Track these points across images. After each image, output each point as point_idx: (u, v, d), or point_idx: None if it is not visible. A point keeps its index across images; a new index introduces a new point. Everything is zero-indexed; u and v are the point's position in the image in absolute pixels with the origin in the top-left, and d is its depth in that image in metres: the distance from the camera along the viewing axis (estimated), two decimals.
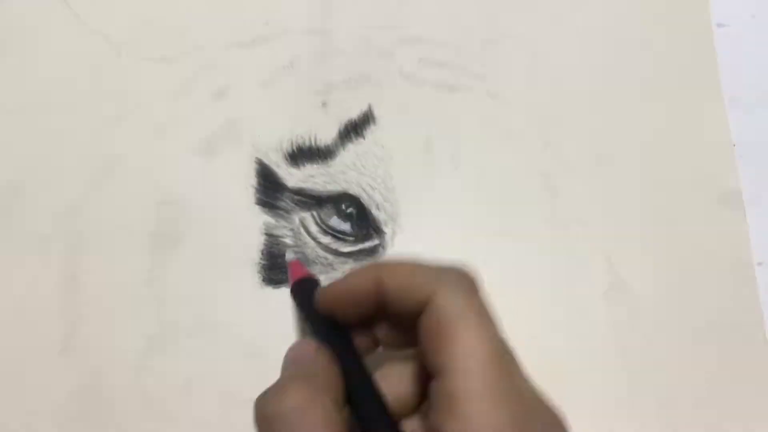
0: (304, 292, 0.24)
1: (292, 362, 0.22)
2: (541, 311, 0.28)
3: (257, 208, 0.29)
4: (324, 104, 0.30)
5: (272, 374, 0.27)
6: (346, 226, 0.29)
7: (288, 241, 0.28)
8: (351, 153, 0.30)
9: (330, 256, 0.28)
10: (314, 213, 0.29)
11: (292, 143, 0.30)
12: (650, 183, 0.30)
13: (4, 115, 0.29)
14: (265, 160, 0.29)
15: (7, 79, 0.30)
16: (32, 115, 0.29)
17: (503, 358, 0.19)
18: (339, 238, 0.29)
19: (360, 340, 0.22)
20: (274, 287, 0.28)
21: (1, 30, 0.31)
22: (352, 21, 0.31)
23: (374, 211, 0.29)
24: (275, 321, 0.28)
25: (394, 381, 0.21)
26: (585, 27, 0.32)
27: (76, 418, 0.26)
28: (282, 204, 0.29)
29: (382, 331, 0.22)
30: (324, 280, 0.28)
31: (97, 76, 0.30)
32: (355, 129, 0.30)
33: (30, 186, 0.29)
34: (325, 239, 0.29)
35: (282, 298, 0.28)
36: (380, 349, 0.22)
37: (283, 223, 0.29)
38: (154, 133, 0.30)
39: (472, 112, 0.30)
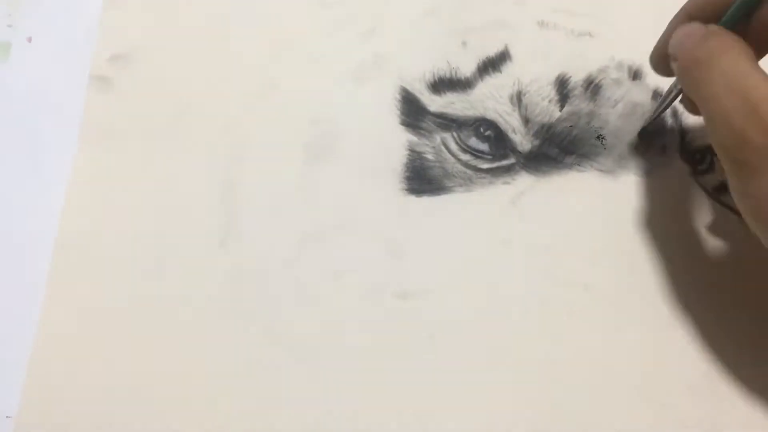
0: None
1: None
2: None
3: (401, 128, 0.31)
4: (464, 44, 0.33)
5: (411, 270, 0.29)
6: (484, 146, 0.31)
7: (429, 156, 0.31)
8: (489, 85, 0.32)
9: (469, 171, 0.30)
10: (454, 134, 0.31)
11: (434, 74, 0.32)
12: None
13: (183, 39, 0.33)
14: (409, 89, 0.32)
15: (191, 8, 0.34)
16: (205, 41, 0.33)
17: None
18: (477, 156, 0.31)
19: None
20: (416, 196, 0.30)
21: None
22: None
23: (511, 135, 0.31)
24: (415, 226, 0.30)
25: None
26: None
27: (232, 301, 0.29)
28: (424, 125, 0.31)
29: None
30: (463, 192, 0.30)
31: (264, 14, 0.34)
32: (492, 64, 0.32)
33: (198, 101, 0.32)
34: (465, 156, 0.31)
35: (422, 205, 0.30)
36: None
37: (425, 141, 0.31)
38: (309, 63, 0.33)
39: (603, 52, 0.33)
